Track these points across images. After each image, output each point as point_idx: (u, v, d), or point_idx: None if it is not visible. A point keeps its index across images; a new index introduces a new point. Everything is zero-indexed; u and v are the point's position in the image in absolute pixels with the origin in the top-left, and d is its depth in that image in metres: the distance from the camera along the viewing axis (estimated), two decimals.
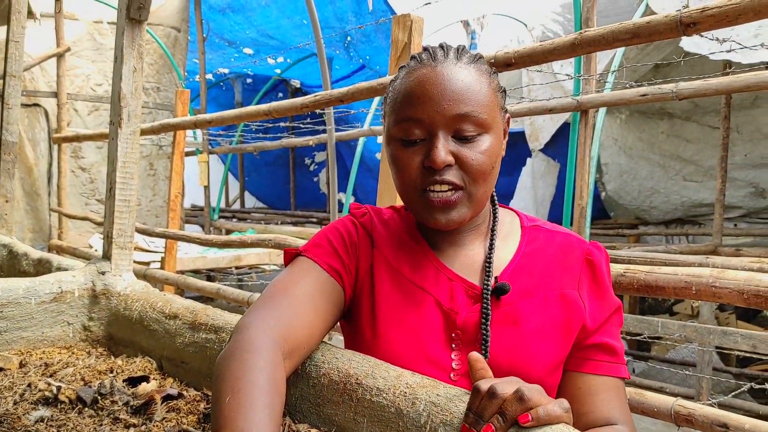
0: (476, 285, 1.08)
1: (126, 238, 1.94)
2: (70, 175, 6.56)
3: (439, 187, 1.01)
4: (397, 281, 1.11)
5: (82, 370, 1.46)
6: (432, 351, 1.05)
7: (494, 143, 1.04)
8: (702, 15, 1.40)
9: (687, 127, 7.35)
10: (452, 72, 1.02)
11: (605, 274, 1.10)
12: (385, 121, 1.12)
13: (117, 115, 1.90)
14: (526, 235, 1.14)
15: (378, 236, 1.16)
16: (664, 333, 3.31)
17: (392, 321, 1.08)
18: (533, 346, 1.04)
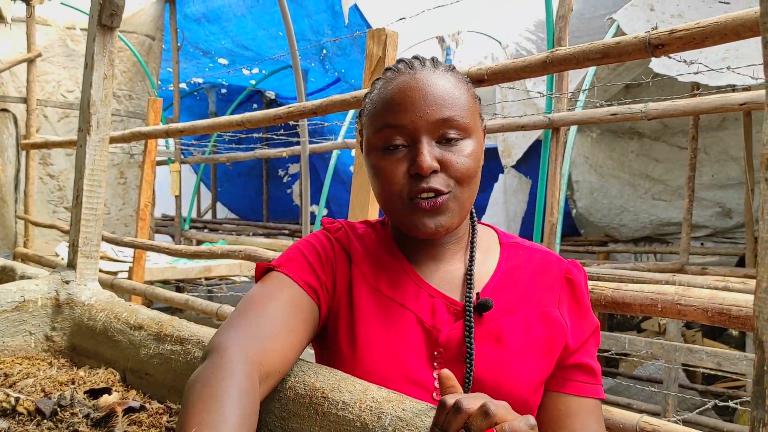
0: (458, 301, 1.05)
1: (92, 247, 1.91)
2: (38, 182, 6.45)
3: (427, 194, 0.99)
4: (377, 298, 1.07)
5: (43, 381, 1.43)
6: (414, 370, 1.03)
7: (477, 147, 1.04)
8: (670, 37, 1.43)
9: (656, 147, 7.49)
10: (432, 78, 1.02)
11: (585, 293, 1.10)
12: (363, 134, 1.10)
13: (86, 122, 1.88)
14: (505, 251, 1.13)
15: (355, 252, 1.12)
16: (632, 350, 3.34)
17: (372, 339, 1.05)
18: (517, 364, 1.02)
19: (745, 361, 3.14)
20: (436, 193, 0.99)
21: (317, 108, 2.38)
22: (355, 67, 7.66)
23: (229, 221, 11.78)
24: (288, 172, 11.87)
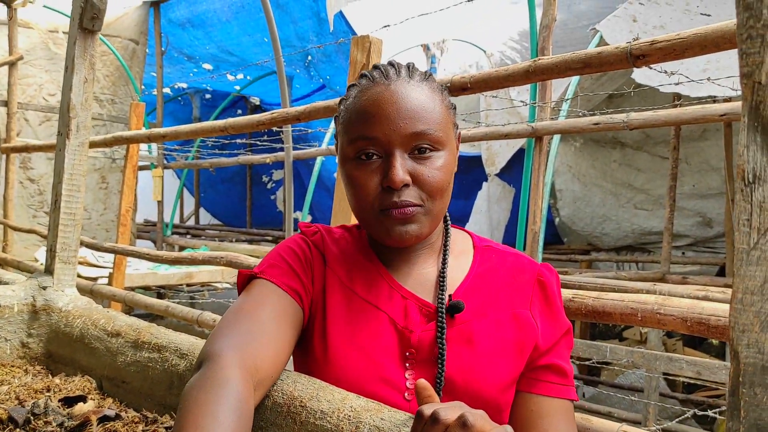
0: (430, 303, 1.07)
1: (70, 252, 1.89)
2: (18, 186, 6.38)
3: (398, 207, 1.01)
4: (350, 300, 1.09)
5: (18, 388, 1.40)
6: (386, 370, 1.03)
7: (449, 160, 1.05)
8: (651, 47, 1.44)
9: (638, 157, 7.55)
10: (406, 90, 1.03)
11: (557, 295, 1.11)
12: (339, 141, 1.11)
13: (65, 126, 1.86)
14: (478, 254, 1.14)
15: (330, 255, 1.14)
16: (613, 358, 3.35)
17: (344, 340, 1.06)
18: (487, 365, 1.03)
19: (725, 370, 3.16)
20: (407, 206, 1.01)
21: (301, 114, 2.38)
22: (340, 73, 7.66)
23: (212, 227, 11.71)
24: (272, 178, 11.84)
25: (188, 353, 1.23)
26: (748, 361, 0.50)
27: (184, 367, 1.21)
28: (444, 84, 1.87)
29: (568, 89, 4.65)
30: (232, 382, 0.84)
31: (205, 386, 0.83)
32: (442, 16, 4.82)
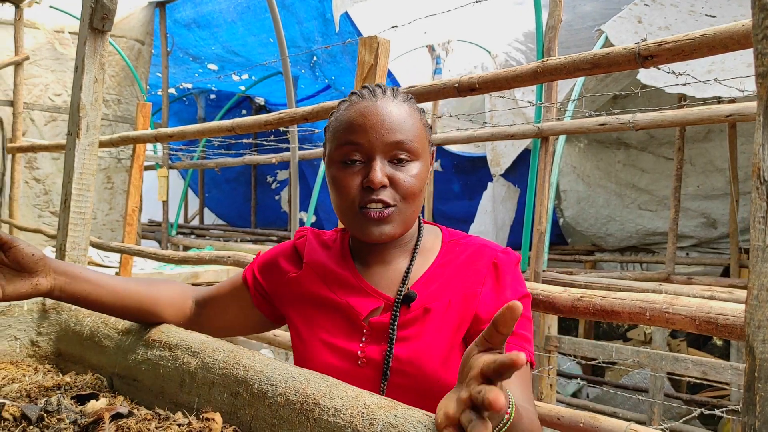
0: (391, 297, 1.21)
1: (79, 251, 1.90)
2: (24, 186, 6.39)
3: (375, 205, 1.16)
4: (321, 296, 1.26)
5: (29, 386, 1.41)
6: (344, 346, 1.20)
7: (423, 170, 1.20)
8: (659, 48, 1.44)
9: (643, 158, 7.55)
10: (389, 106, 1.18)
11: (508, 272, 1.21)
12: (326, 147, 1.26)
13: (75, 126, 1.87)
14: (444, 248, 1.28)
15: (309, 256, 1.33)
16: (619, 358, 3.36)
17: (310, 331, 1.25)
18: (431, 341, 1.16)
19: (731, 370, 3.16)
20: (384, 204, 1.16)
21: (308, 114, 2.38)
22: (346, 74, 7.67)
23: (216, 227, 11.73)
24: (276, 178, 11.84)
25: (199, 351, 1.24)
26: (764, 356, 0.51)
27: (196, 365, 1.22)
28: (453, 85, 1.88)
29: (573, 90, 4.65)
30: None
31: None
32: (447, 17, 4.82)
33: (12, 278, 1.15)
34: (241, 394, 1.10)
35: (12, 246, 1.14)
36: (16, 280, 1.15)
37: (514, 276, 1.22)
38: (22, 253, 1.15)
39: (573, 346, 3.61)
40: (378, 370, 1.17)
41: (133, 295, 1.34)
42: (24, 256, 1.15)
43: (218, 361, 1.18)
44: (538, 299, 1.52)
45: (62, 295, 1.25)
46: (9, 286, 1.14)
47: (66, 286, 1.24)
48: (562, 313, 1.53)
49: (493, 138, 4.10)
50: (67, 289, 1.24)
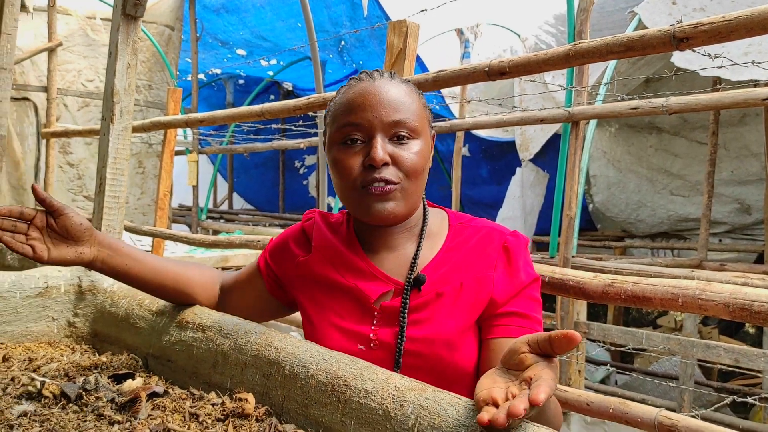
0: (400, 281, 1.21)
1: (114, 235, 1.93)
2: (58, 170, 6.51)
3: (377, 184, 1.14)
4: (330, 280, 1.26)
5: (66, 365, 1.45)
6: (356, 329, 1.21)
7: (424, 148, 1.20)
8: (695, 30, 1.41)
9: (675, 142, 7.42)
10: (388, 86, 1.18)
11: (519, 256, 1.21)
12: (327, 132, 1.25)
13: (109, 111, 1.90)
14: (451, 232, 1.27)
15: (317, 239, 1.33)
16: (649, 345, 3.33)
17: (321, 316, 1.26)
18: (443, 324, 1.16)
19: (763, 357, 3.11)
20: (386, 182, 1.14)
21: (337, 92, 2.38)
22: (374, 58, 7.65)
23: (245, 212, 11.82)
24: (304, 163, 11.88)
25: (232, 333, 1.26)
26: None
27: (229, 346, 1.24)
28: (483, 69, 1.87)
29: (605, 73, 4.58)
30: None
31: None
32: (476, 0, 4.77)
33: (58, 244, 1.21)
34: (273, 375, 1.12)
35: (62, 213, 1.20)
36: (62, 245, 1.21)
37: (525, 259, 1.22)
38: (71, 221, 1.20)
39: (602, 333, 3.59)
40: (390, 352, 1.17)
41: (170, 274, 1.37)
42: (72, 224, 1.20)
43: (250, 343, 1.20)
44: (569, 285, 1.52)
45: (104, 267, 1.28)
46: (54, 251, 1.20)
47: (108, 258, 1.27)
48: (593, 298, 1.52)
49: (522, 122, 4.06)
50: (109, 261, 1.28)
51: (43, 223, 1.19)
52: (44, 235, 1.20)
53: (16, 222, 1.18)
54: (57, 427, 1.04)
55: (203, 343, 1.30)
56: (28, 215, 1.19)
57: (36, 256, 1.17)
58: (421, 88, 1.99)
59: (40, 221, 1.19)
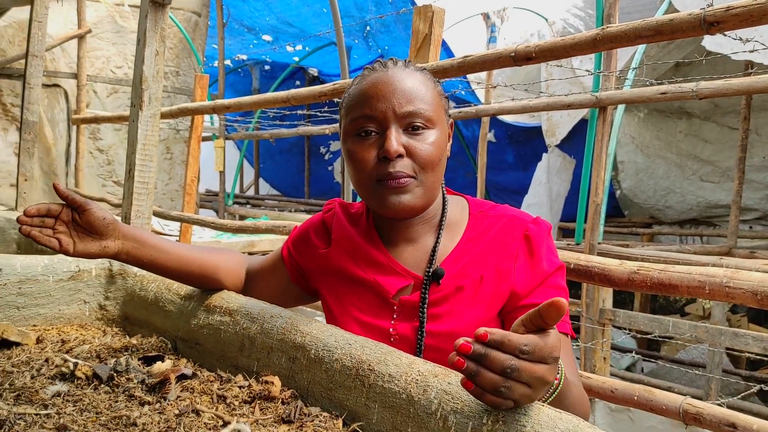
0: (420, 275, 1.20)
1: (143, 220, 1.97)
2: (88, 156, 6.61)
3: (393, 177, 1.13)
4: (350, 273, 1.26)
5: (98, 347, 1.48)
6: (376, 322, 1.21)
7: (440, 138, 1.17)
8: (726, 14, 1.39)
9: (706, 127, 7.30)
10: (402, 75, 1.16)
11: (541, 244, 1.18)
12: (342, 123, 1.24)
13: (138, 98, 1.92)
14: (471, 221, 1.25)
15: (337, 231, 1.33)
16: (676, 333, 3.30)
17: (342, 309, 1.26)
18: (463, 317, 1.15)
19: None
20: (401, 176, 1.12)
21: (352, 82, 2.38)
22: (399, 44, 7.62)
23: (271, 197, 11.90)
24: (329, 149, 11.91)
25: (258, 317, 1.28)
26: None
27: (255, 330, 1.26)
28: (509, 54, 1.86)
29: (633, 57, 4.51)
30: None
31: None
32: None
33: (83, 238, 1.24)
34: (299, 359, 1.14)
35: (85, 209, 1.22)
36: (87, 240, 1.24)
37: (547, 247, 1.19)
38: (94, 216, 1.23)
39: (628, 320, 3.56)
40: (411, 346, 1.16)
41: (195, 262, 1.39)
42: (95, 219, 1.23)
43: (276, 327, 1.22)
44: (594, 272, 1.51)
45: (129, 259, 1.31)
46: (80, 244, 1.23)
47: (133, 250, 1.30)
48: (618, 286, 1.52)
49: (549, 108, 4.03)
50: (134, 253, 1.30)
51: (68, 218, 1.23)
52: (70, 229, 1.23)
53: (44, 218, 1.21)
54: (89, 407, 1.06)
55: (230, 326, 1.32)
56: (54, 211, 1.22)
57: (62, 249, 1.20)
58: (447, 73, 1.98)
59: (66, 216, 1.22)
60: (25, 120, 3.18)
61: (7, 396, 1.11)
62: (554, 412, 0.78)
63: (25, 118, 3.18)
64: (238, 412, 1.05)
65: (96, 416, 1.03)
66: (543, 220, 1.24)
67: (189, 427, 0.98)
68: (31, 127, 3.19)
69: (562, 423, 0.75)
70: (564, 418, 0.76)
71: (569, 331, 1.15)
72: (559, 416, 0.77)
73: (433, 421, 0.85)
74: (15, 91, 6.16)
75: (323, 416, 1.02)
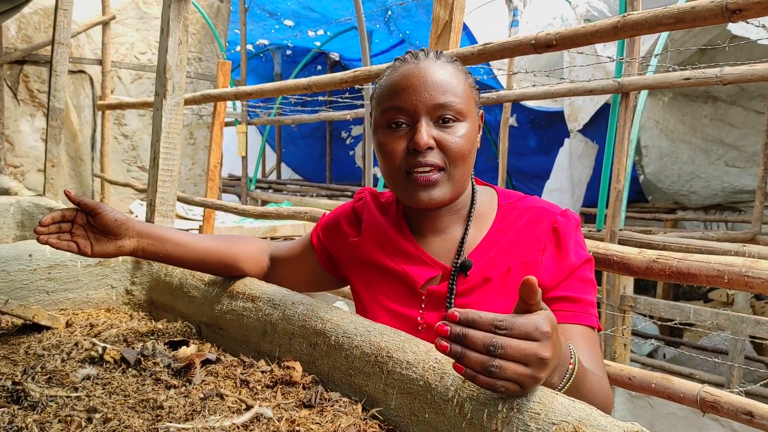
0: (448, 266, 1.21)
1: (168, 207, 2.01)
2: (113, 141, 6.69)
3: (423, 168, 1.14)
4: (380, 263, 1.28)
5: (125, 331, 1.52)
6: (404, 311, 1.23)
7: (471, 130, 1.17)
8: (748, 2, 1.38)
9: (732, 112, 7.19)
10: (433, 67, 1.16)
11: (569, 237, 1.18)
12: (372, 114, 1.24)
13: (162, 87, 1.95)
14: (500, 212, 1.25)
15: (367, 221, 1.35)
16: (697, 320, 3.29)
17: (372, 298, 1.28)
18: (490, 308, 1.11)
19: None
20: (431, 166, 1.13)
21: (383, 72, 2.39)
22: (420, 28, 7.59)
23: (293, 182, 11.97)
24: (351, 134, 11.93)
25: (280, 304, 1.31)
26: None
27: (277, 316, 1.29)
28: (529, 42, 1.86)
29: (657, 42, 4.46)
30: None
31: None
32: None
33: (100, 239, 1.30)
34: (319, 345, 1.17)
35: (98, 212, 1.27)
36: (103, 240, 1.30)
37: (575, 240, 1.19)
38: (106, 218, 1.28)
39: (649, 307, 3.55)
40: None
41: (213, 253, 1.43)
42: (108, 221, 1.28)
43: (298, 314, 1.25)
44: (613, 260, 1.52)
45: (146, 255, 1.36)
46: (97, 245, 1.29)
47: (149, 247, 1.35)
48: (637, 274, 1.52)
49: (571, 93, 4.00)
50: (150, 249, 1.36)
51: (83, 221, 1.28)
52: (87, 231, 1.28)
53: (60, 224, 1.27)
54: (118, 390, 1.10)
55: (253, 312, 1.36)
56: (69, 216, 1.27)
57: (80, 252, 1.26)
58: (467, 61, 1.99)
59: (81, 220, 1.28)
60: (51, 107, 3.24)
61: (39, 378, 1.15)
62: (568, 401, 0.79)
63: (52, 105, 3.24)
64: (261, 396, 1.09)
65: (124, 399, 1.07)
66: (572, 213, 1.24)
67: (213, 410, 1.01)
68: (57, 114, 3.25)
69: (575, 411, 0.77)
70: (578, 406, 0.78)
71: (595, 324, 1.15)
72: (572, 404, 0.79)
73: (449, 408, 0.87)
74: (41, 77, 6.25)
75: (343, 401, 1.05)
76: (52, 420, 0.98)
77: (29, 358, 1.30)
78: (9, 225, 3.05)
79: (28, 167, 6.25)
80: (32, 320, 1.52)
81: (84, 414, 1.00)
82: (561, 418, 0.76)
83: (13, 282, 1.74)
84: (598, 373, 1.06)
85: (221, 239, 1.47)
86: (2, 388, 1.11)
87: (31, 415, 1.00)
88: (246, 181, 8.31)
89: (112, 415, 0.99)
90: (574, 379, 0.89)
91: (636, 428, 0.74)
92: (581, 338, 1.11)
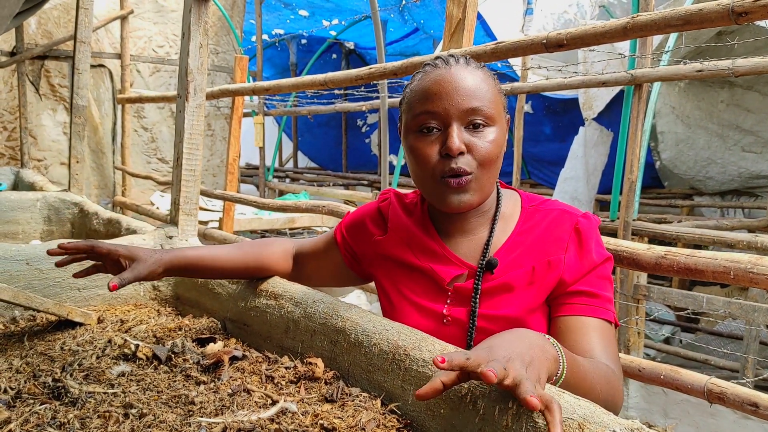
0: (474, 265, 1.25)
1: (191, 205, 2.08)
2: (133, 134, 6.79)
3: (455, 173, 1.17)
4: (406, 261, 1.32)
5: (154, 327, 1.60)
6: (430, 306, 1.27)
7: (500, 135, 1.21)
8: (754, 5, 1.41)
9: (748, 97, 7.13)
10: (464, 73, 1.19)
11: (591, 237, 1.24)
12: (403, 118, 1.28)
13: (184, 90, 2.01)
14: (523, 215, 1.30)
15: (393, 221, 1.39)
16: (709, 309, 3.32)
17: (399, 297, 1.32)
18: (513, 304, 1.21)
19: None
20: (463, 173, 1.16)
21: (397, 69, 2.44)
22: (434, 17, 7.60)
23: (309, 170, 12.03)
24: (366, 122, 11.95)
25: (301, 302, 1.37)
26: None
27: (299, 314, 1.35)
28: (540, 41, 1.90)
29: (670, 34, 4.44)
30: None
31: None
32: None
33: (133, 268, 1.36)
34: (340, 342, 1.23)
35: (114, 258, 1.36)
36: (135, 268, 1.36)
37: (596, 240, 1.24)
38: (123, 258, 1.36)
39: (662, 295, 3.58)
40: (463, 329, 1.22)
41: (238, 263, 1.51)
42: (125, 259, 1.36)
43: (319, 312, 1.32)
44: (622, 256, 1.56)
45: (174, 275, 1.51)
46: (127, 273, 1.33)
47: (176, 272, 1.46)
48: (646, 270, 1.57)
49: (584, 85, 4.02)
50: (176, 273, 1.46)
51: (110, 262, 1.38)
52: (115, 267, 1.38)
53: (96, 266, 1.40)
54: (151, 387, 1.17)
55: (276, 310, 1.42)
56: (99, 266, 1.40)
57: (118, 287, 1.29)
58: (480, 59, 2.03)
59: (109, 264, 1.38)
60: (75, 104, 3.31)
61: (76, 375, 1.22)
62: (573, 399, 0.85)
63: (75, 102, 3.31)
64: (285, 391, 1.15)
65: (158, 395, 1.14)
66: (592, 215, 1.29)
67: (241, 405, 1.08)
68: (81, 111, 3.32)
69: (580, 409, 0.83)
70: (582, 404, 0.84)
71: (612, 319, 1.19)
72: (578, 402, 0.85)
73: (463, 404, 0.93)
74: (62, 71, 6.34)
75: (363, 396, 1.11)
76: (91, 415, 1.05)
77: (65, 354, 1.37)
78: (36, 220, 3.15)
79: (51, 160, 6.37)
80: (67, 317, 1.59)
81: (121, 409, 1.06)
82: (567, 416, 0.82)
83: (46, 280, 1.82)
84: (611, 366, 1.10)
85: (246, 247, 1.54)
86: (43, 385, 1.18)
87: (72, 411, 1.06)
88: (264, 171, 8.39)
89: (147, 411, 1.05)
90: (566, 377, 0.95)
91: (636, 425, 0.80)
92: (596, 331, 1.16)
